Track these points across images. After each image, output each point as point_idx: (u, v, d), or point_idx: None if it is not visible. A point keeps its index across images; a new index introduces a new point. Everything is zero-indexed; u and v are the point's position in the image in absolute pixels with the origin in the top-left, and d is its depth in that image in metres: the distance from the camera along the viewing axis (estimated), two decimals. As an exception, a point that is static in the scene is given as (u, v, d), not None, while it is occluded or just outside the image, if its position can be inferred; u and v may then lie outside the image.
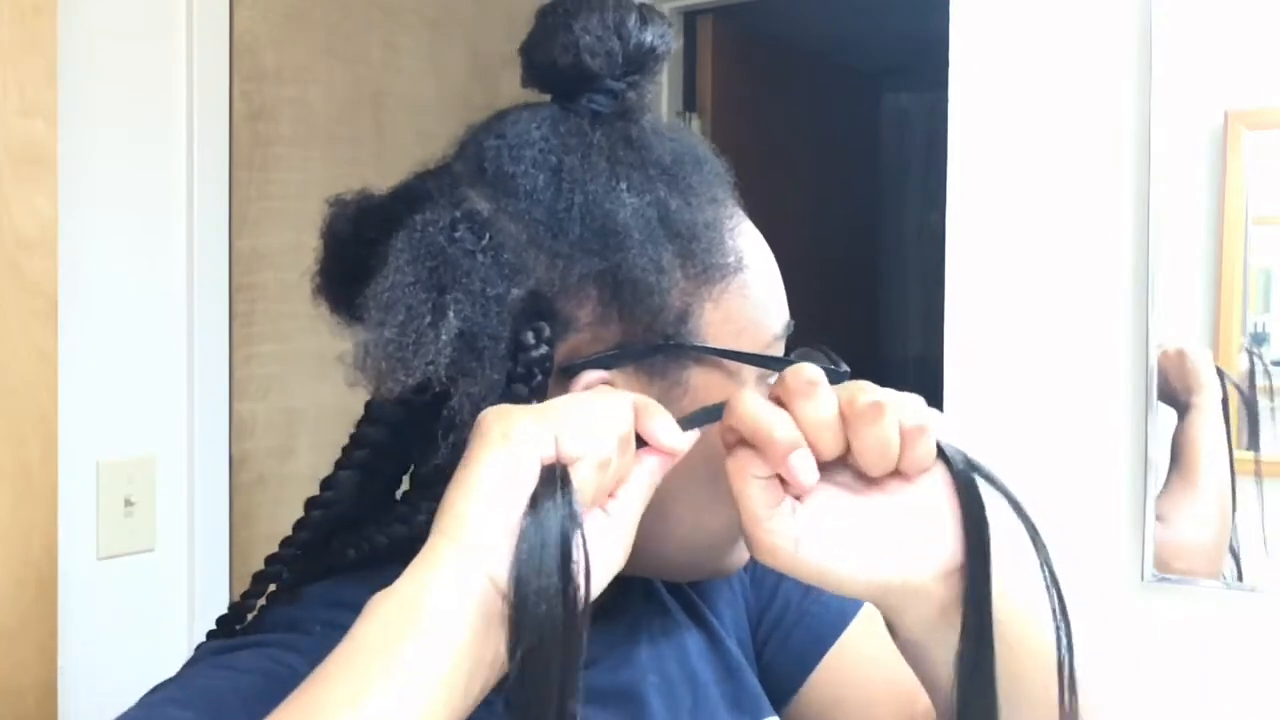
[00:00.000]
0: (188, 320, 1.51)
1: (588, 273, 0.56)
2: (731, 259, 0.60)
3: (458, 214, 0.57)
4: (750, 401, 0.53)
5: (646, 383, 0.58)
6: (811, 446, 0.52)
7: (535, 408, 0.52)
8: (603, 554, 0.50)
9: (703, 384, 0.59)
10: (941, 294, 1.46)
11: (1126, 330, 1.36)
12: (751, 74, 2.48)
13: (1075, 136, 1.38)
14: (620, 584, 0.53)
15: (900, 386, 0.57)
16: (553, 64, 0.61)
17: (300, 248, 1.72)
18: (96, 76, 1.39)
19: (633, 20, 0.60)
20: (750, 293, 0.60)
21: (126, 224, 1.44)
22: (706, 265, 0.59)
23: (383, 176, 0.67)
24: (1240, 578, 1.32)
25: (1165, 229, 1.33)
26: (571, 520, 0.47)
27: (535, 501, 0.48)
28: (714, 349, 0.59)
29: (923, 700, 0.64)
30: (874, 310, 3.24)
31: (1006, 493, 0.54)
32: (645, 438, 0.53)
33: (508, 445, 0.49)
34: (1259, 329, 1.31)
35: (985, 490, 0.55)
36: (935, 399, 1.48)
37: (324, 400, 1.66)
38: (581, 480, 0.49)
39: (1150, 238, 1.33)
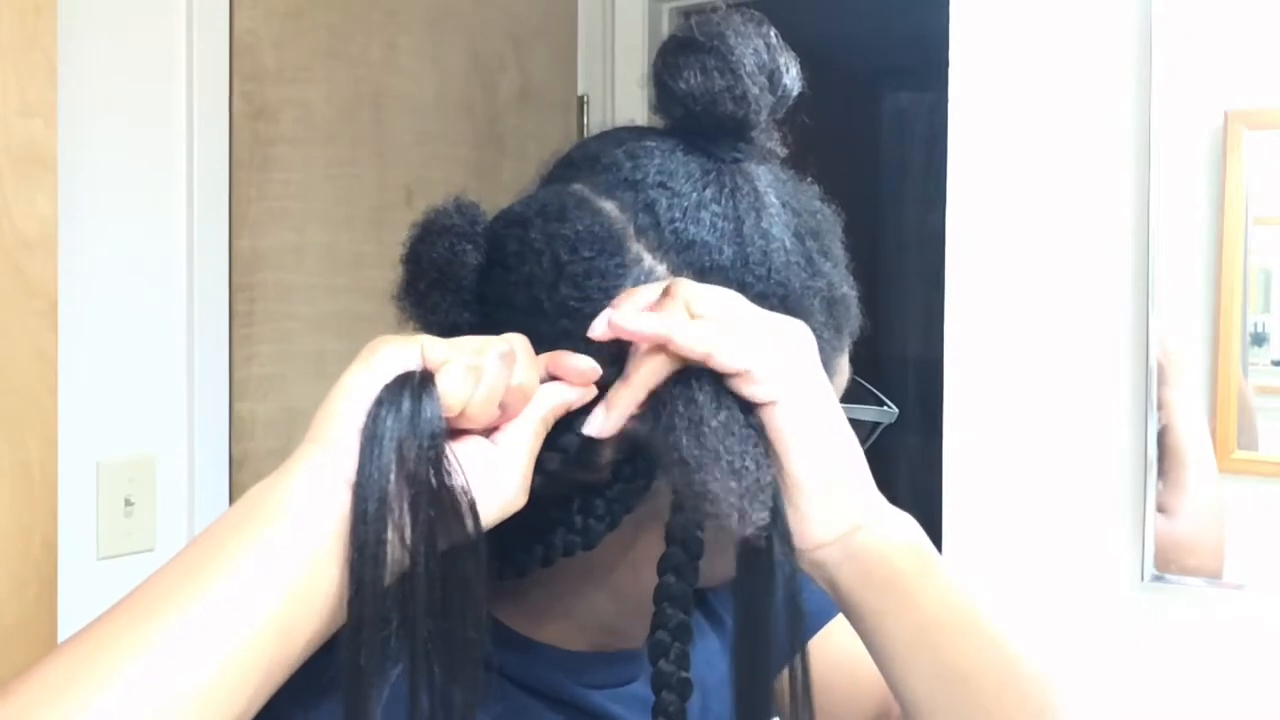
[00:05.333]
0: (188, 320, 1.51)
1: None
2: (855, 315, 0.61)
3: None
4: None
5: None
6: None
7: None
8: (485, 478, 0.48)
9: None
10: (941, 294, 1.46)
11: (1126, 330, 1.36)
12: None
13: (1075, 137, 1.38)
14: None
15: (900, 386, 0.58)
16: (709, 109, 0.55)
17: (300, 248, 1.73)
18: (96, 76, 1.39)
19: (783, 64, 0.57)
20: (849, 347, 0.62)
21: (126, 224, 1.44)
22: (845, 329, 0.60)
23: (382, 177, 0.67)
24: (1239, 579, 1.32)
25: (1165, 229, 1.33)
26: (422, 417, 0.46)
27: (382, 397, 0.46)
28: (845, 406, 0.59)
29: None
30: (874, 310, 3.23)
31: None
32: (554, 370, 0.51)
33: (372, 357, 0.48)
34: (1259, 329, 1.31)
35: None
36: (935, 399, 1.48)
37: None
38: (446, 382, 0.47)
39: (1150, 238, 1.33)
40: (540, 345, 0.52)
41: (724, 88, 0.54)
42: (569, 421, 0.51)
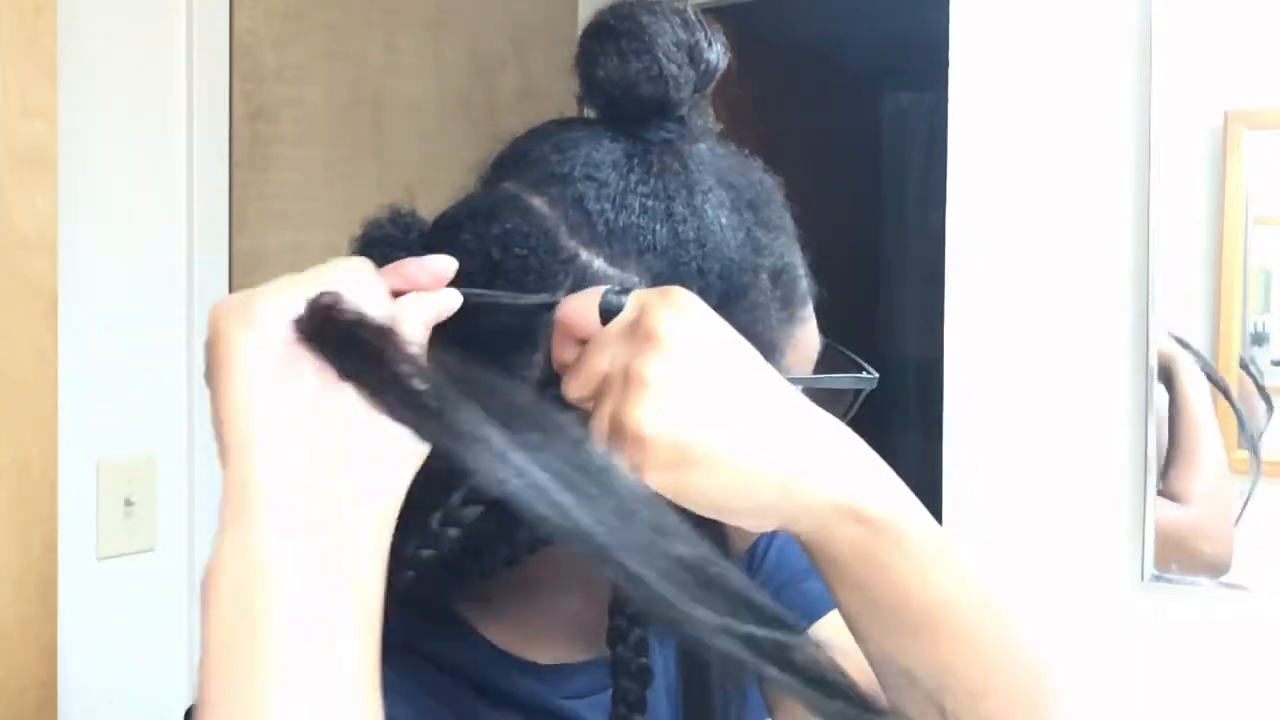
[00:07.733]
0: (187, 320, 1.51)
1: None
2: (804, 289, 0.59)
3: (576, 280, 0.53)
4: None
5: None
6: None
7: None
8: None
9: None
10: (941, 294, 1.46)
11: (1126, 330, 1.36)
12: (751, 74, 2.48)
13: (1075, 137, 1.38)
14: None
15: (900, 386, 0.57)
16: (629, 93, 0.55)
17: (300, 248, 1.73)
18: (96, 76, 1.39)
19: (703, 39, 0.56)
20: (810, 317, 0.60)
21: (126, 224, 1.44)
22: (792, 303, 0.58)
23: (382, 177, 0.66)
24: (1239, 578, 1.32)
25: (1165, 229, 1.33)
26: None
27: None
28: (798, 378, 0.57)
29: None
30: (874, 310, 3.24)
31: None
32: (404, 282, 0.52)
33: (249, 309, 0.48)
34: (1259, 329, 1.31)
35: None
36: (935, 399, 1.48)
37: (324, 400, 1.66)
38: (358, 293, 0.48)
39: (1150, 238, 1.33)
40: (482, 343, 0.52)
41: (640, 69, 0.54)
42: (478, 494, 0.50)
